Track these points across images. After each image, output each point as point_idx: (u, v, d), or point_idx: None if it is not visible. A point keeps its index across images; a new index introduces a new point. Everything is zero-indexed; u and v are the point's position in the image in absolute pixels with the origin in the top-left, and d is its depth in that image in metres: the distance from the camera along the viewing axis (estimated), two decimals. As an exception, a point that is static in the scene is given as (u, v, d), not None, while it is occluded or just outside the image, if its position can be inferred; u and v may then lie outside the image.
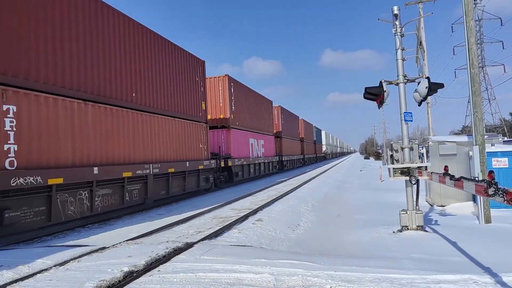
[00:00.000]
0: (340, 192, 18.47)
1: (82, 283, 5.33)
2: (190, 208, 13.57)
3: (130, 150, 12.26)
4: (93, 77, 10.80)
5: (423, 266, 5.92)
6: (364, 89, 8.97)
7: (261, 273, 5.53)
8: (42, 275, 5.89)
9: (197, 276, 5.54)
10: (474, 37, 9.61)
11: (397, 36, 8.92)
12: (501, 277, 5.02)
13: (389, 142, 14.64)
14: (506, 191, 3.49)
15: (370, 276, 5.27)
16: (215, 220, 10.69)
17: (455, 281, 4.94)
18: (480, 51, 46.84)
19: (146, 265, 6.18)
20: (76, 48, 10.21)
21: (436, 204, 11.98)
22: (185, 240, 8.03)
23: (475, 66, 9.45)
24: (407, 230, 8.56)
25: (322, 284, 5.03)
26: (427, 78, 8.44)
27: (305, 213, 12.16)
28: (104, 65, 11.29)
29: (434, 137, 13.28)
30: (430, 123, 21.99)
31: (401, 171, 8.68)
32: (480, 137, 9.36)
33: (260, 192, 17.97)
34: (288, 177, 27.16)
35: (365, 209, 12.60)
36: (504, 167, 10.45)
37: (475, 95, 9.42)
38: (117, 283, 5.38)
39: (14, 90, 8.35)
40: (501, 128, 49.10)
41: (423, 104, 9.13)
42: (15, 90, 8.36)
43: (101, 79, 11.10)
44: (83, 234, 9.63)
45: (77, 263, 6.52)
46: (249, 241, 8.16)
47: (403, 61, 8.89)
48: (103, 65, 11.26)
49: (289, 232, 9.49)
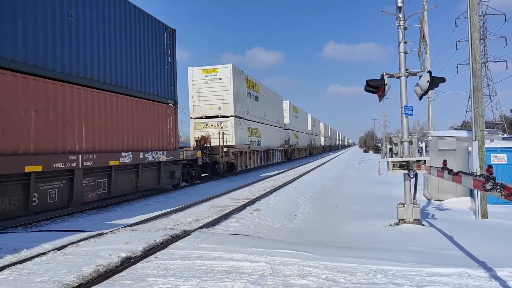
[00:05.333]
0: (338, 184, 18.52)
1: (79, 267, 5.37)
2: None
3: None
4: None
5: (418, 259, 5.96)
6: (366, 81, 8.95)
7: (257, 261, 5.57)
8: (40, 258, 5.92)
9: (194, 263, 5.58)
10: (478, 32, 9.55)
11: (400, 29, 8.87)
12: (496, 271, 5.06)
13: (389, 136, 14.64)
14: (503, 186, 3.50)
15: (366, 267, 5.31)
16: (213, 209, 10.73)
17: (450, 274, 4.99)
18: (483, 47, 46.64)
19: (143, 251, 6.22)
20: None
21: (434, 198, 12.03)
22: (183, 228, 8.07)
23: (477, 61, 9.41)
24: (404, 223, 8.60)
25: (318, 274, 5.07)
26: (428, 72, 8.41)
27: (303, 204, 12.21)
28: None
29: (433, 132, 13.28)
30: (430, 117, 21.96)
31: (400, 164, 8.69)
32: (480, 133, 9.36)
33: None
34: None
35: (363, 202, 12.65)
36: (503, 163, 10.47)
37: (476, 91, 9.40)
38: (115, 268, 5.42)
39: None
40: (501, 124, 49.13)
41: (423, 98, 9.12)
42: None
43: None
44: (81, 220, 9.67)
45: (75, 247, 6.55)
46: (246, 230, 8.21)
47: (405, 54, 8.85)
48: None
49: (286, 223, 9.54)
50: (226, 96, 21.64)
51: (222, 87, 21.67)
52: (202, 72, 21.92)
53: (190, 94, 22.08)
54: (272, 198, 12.55)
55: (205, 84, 21.81)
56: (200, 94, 21.88)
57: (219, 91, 21.72)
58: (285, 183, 16.97)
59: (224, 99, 21.65)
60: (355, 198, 13.67)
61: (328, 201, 13.21)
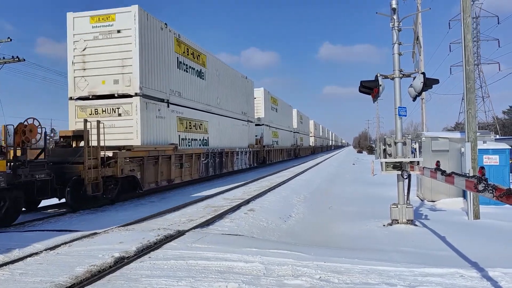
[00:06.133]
0: (332, 184, 18.57)
1: (72, 267, 5.34)
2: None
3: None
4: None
5: (411, 259, 6.00)
6: (360, 82, 9.00)
7: (251, 262, 5.58)
8: (32, 258, 5.89)
9: (188, 263, 5.57)
10: (471, 34, 9.63)
11: (395, 30, 8.92)
12: (487, 271, 5.10)
13: (383, 137, 14.70)
14: (495, 187, 3.54)
15: (359, 267, 5.34)
16: (207, 209, 10.72)
17: (442, 274, 5.03)
18: (476, 48, 46.96)
19: (137, 251, 6.20)
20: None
21: (427, 199, 12.11)
22: (177, 228, 8.06)
23: (470, 63, 9.49)
24: (397, 223, 8.65)
25: (311, 274, 5.09)
26: (422, 74, 8.47)
27: (297, 204, 12.23)
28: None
29: (427, 133, 13.37)
30: (423, 118, 22.08)
31: (393, 165, 8.74)
32: (473, 134, 9.44)
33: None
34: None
35: (356, 202, 12.70)
36: (495, 164, 10.57)
37: (469, 92, 9.47)
38: (108, 268, 5.40)
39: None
40: (493, 126, 49.51)
41: (417, 99, 9.18)
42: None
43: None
44: (75, 220, 9.61)
45: (68, 247, 6.52)
46: (240, 231, 8.21)
47: (399, 55, 8.90)
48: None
49: (281, 223, 9.55)
50: (128, 61, 12.95)
51: (122, 46, 12.99)
52: (90, 21, 13.22)
53: (69, 59, 13.35)
54: (267, 198, 12.56)
55: (93, 41, 13.17)
56: (85, 58, 13.22)
57: (116, 52, 13.01)
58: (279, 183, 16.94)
59: (125, 65, 12.95)
60: (349, 198, 13.72)
61: (322, 201, 13.23)
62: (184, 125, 16.34)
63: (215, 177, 20.37)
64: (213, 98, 19.61)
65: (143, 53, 13.16)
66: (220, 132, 20.47)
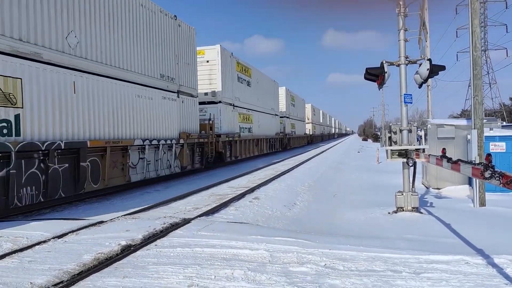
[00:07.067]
0: (337, 172, 18.57)
1: (80, 255, 5.40)
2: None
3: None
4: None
5: (416, 247, 6.00)
6: (365, 69, 8.91)
7: (257, 249, 5.61)
8: (40, 246, 5.96)
9: (193, 251, 5.62)
10: (478, 19, 9.48)
11: (400, 16, 8.80)
12: (493, 258, 5.10)
13: (388, 124, 14.64)
14: (502, 174, 3.51)
15: (364, 255, 5.36)
16: (212, 197, 10.77)
17: (448, 262, 5.03)
18: (483, 34, 46.30)
19: (143, 239, 6.26)
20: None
21: (432, 186, 12.08)
22: (182, 216, 8.11)
23: (477, 49, 9.36)
24: (402, 211, 8.65)
25: (316, 261, 5.12)
26: (428, 60, 8.37)
27: (302, 192, 12.25)
28: None
29: (433, 120, 13.27)
30: (429, 106, 21.89)
31: (399, 153, 8.70)
32: (479, 121, 9.35)
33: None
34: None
35: (361, 190, 12.70)
36: (502, 151, 10.49)
37: (476, 79, 9.36)
38: (115, 256, 5.46)
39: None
40: (500, 113, 49.05)
41: (423, 86, 9.09)
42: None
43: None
44: (81, 209, 9.70)
45: (75, 235, 6.59)
46: (245, 218, 8.26)
47: (405, 42, 8.80)
48: None
49: (286, 211, 9.58)
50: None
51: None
52: None
53: None
54: (271, 186, 12.58)
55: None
56: None
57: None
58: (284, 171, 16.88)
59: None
60: (353, 186, 13.72)
61: (327, 189, 13.25)
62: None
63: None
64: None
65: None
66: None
